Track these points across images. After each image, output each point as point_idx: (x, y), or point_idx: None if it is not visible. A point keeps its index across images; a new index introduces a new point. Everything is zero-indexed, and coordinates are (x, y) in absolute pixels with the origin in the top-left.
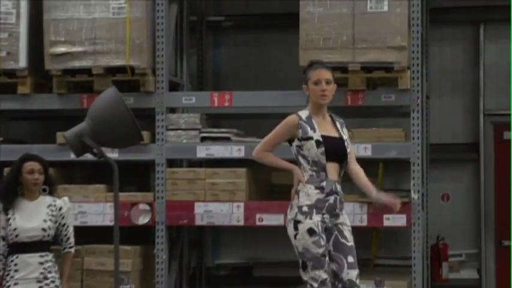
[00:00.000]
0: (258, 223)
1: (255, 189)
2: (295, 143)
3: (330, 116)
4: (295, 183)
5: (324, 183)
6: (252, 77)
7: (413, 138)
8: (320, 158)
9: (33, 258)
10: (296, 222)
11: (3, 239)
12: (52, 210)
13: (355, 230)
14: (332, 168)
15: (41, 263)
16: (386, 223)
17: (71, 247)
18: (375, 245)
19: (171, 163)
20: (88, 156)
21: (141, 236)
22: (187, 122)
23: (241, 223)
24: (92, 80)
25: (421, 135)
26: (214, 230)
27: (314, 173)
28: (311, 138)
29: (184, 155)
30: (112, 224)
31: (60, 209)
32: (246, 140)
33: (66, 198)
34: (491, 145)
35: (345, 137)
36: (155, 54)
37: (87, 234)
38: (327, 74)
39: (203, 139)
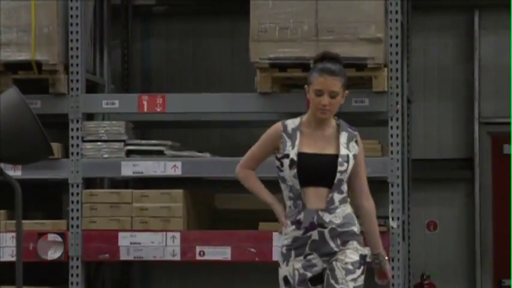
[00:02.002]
0: (198, 258)
1: (194, 215)
2: (275, 162)
3: (338, 125)
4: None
5: (300, 216)
6: (190, 75)
7: (392, 153)
8: (294, 183)
9: None
10: (279, 264)
11: None
12: None
13: None
14: (313, 195)
15: None
16: None
17: None
18: None
19: (89, 183)
20: None
21: (51, 274)
22: (109, 131)
23: (178, 258)
24: None
25: (401, 148)
26: (143, 267)
27: (292, 203)
28: (287, 156)
29: (105, 172)
30: (13, 259)
31: None
32: (183, 155)
33: None
34: (488, 161)
35: (349, 153)
36: (68, 46)
37: None
38: (333, 85)
39: (129, 153)
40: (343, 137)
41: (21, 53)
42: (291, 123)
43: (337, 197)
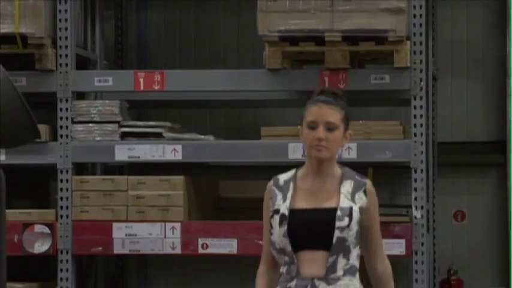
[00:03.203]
0: (201, 251)
1: (196, 204)
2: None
3: (342, 174)
4: None
5: (291, 284)
6: (192, 50)
7: (415, 135)
8: (285, 244)
9: None
10: None
11: None
12: None
13: None
14: (309, 260)
15: None
16: None
17: None
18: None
19: (80, 169)
20: None
21: (39, 269)
22: (101, 112)
23: (178, 251)
24: None
25: (426, 130)
26: (140, 261)
27: (286, 268)
28: (277, 211)
29: (97, 157)
30: None
31: None
32: (183, 137)
33: None
34: None
35: (353, 205)
36: (56, 18)
37: None
38: (330, 114)
39: (124, 135)
40: (347, 186)
41: (4, 25)
42: (284, 175)
43: (341, 263)
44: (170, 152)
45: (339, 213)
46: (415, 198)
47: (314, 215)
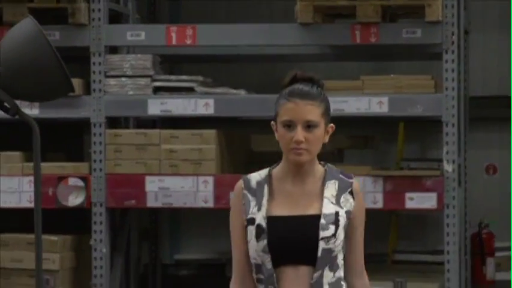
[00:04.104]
0: None
1: (229, 158)
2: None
3: (325, 171)
4: None
5: None
6: (224, 4)
7: (447, 89)
8: (264, 260)
9: None
10: None
11: None
12: None
13: (367, 215)
14: (291, 278)
15: None
16: (409, 205)
17: None
18: (394, 235)
19: (113, 123)
20: None
21: (73, 222)
22: (134, 66)
23: (210, 204)
24: (0, 8)
25: (457, 84)
26: (173, 215)
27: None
28: (251, 221)
29: (130, 111)
30: (31, 205)
31: None
32: (215, 91)
33: None
34: None
35: (339, 210)
36: None
37: None
38: (309, 112)
39: (157, 90)
40: (331, 188)
41: None
42: (257, 175)
43: (327, 277)
44: (202, 106)
45: (322, 221)
46: (447, 152)
47: (295, 224)
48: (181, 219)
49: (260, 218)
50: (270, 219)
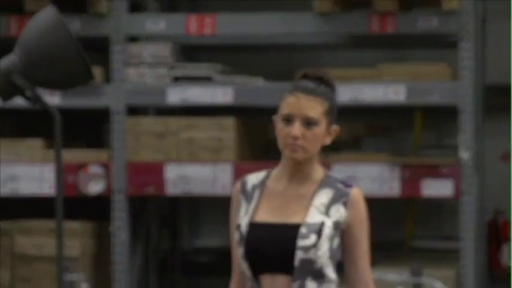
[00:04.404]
0: None
1: (247, 146)
2: None
3: (324, 178)
4: None
5: None
6: None
7: (463, 77)
8: (244, 267)
9: None
10: None
11: None
12: None
13: (384, 202)
14: (270, 285)
15: None
16: (426, 192)
17: None
18: (411, 222)
19: (133, 111)
20: (19, 102)
21: (93, 209)
22: (153, 55)
23: (229, 192)
24: None
25: (474, 72)
26: (192, 202)
27: None
28: (238, 227)
29: (150, 99)
30: (53, 192)
31: None
32: (234, 80)
33: None
34: None
35: (325, 220)
36: None
37: (18, 207)
38: (310, 107)
39: (176, 79)
40: (322, 197)
41: None
42: (254, 178)
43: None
44: (221, 94)
45: (302, 230)
46: (463, 140)
47: (275, 231)
48: (201, 206)
49: (244, 224)
50: (252, 225)
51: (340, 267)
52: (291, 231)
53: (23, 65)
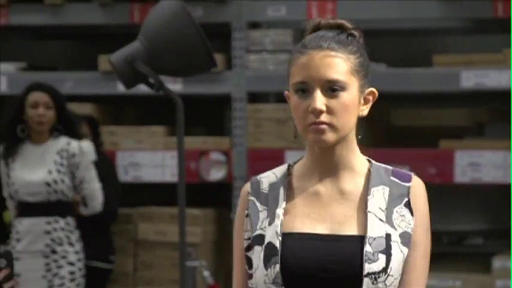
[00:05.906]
0: None
1: (369, 132)
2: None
3: (369, 170)
4: None
5: None
6: None
7: None
8: None
9: (38, 225)
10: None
11: (11, 197)
12: (62, 157)
13: (508, 190)
14: None
15: (48, 232)
16: None
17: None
18: None
19: (254, 97)
20: (142, 89)
21: (215, 196)
22: (275, 41)
23: None
24: None
25: None
26: None
27: None
28: (259, 240)
29: (271, 86)
30: (174, 179)
31: (73, 155)
32: None
33: (85, 142)
34: None
35: (391, 232)
36: None
37: (141, 194)
38: (330, 66)
39: None
40: (378, 198)
41: None
42: (271, 175)
43: None
44: None
45: (368, 248)
46: None
47: (325, 248)
48: None
49: (272, 235)
50: (286, 236)
51: None
52: (350, 248)
53: (146, 52)
